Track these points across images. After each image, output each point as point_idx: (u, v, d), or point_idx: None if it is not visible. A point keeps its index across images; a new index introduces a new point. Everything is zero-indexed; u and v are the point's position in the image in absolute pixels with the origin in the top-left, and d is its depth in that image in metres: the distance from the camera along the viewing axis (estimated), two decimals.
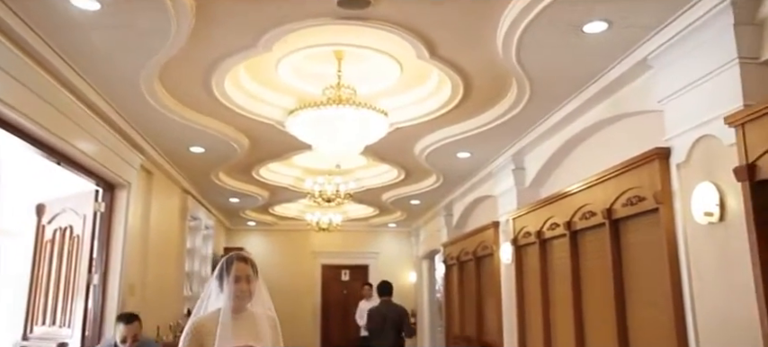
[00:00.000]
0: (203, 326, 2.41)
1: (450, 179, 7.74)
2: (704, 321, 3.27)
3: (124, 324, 4.30)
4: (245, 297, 2.46)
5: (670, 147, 3.54)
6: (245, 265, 2.49)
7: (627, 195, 3.96)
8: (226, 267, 2.48)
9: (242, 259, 2.51)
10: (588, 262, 4.64)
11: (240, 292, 2.44)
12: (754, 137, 2.83)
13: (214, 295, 2.54)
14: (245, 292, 2.46)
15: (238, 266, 2.48)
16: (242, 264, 2.49)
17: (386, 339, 6.57)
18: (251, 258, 2.59)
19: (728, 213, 3.07)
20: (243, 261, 2.51)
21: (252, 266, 2.50)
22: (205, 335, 2.37)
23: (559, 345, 5.14)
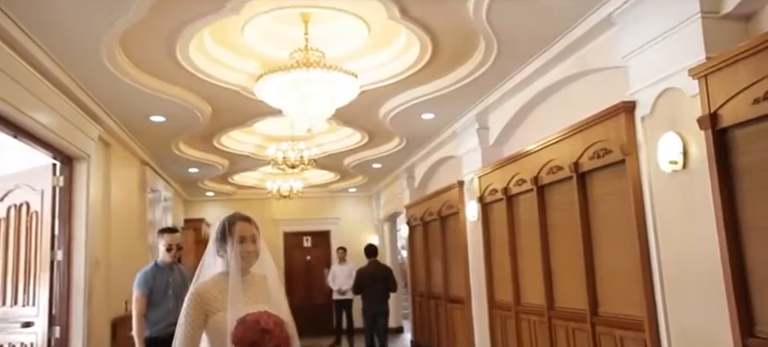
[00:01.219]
0: (207, 292, 2.23)
1: (413, 141, 7.82)
2: (668, 262, 3.49)
3: (168, 234, 4.64)
4: (252, 257, 2.29)
5: (635, 101, 3.71)
6: (249, 225, 2.32)
7: (594, 148, 4.13)
8: (228, 227, 2.29)
9: (245, 218, 2.33)
10: (555, 214, 4.84)
11: (246, 253, 2.27)
12: (716, 87, 3.01)
13: (211, 259, 2.35)
14: (251, 253, 2.28)
15: (242, 226, 2.30)
16: (246, 224, 2.31)
17: (376, 293, 7.88)
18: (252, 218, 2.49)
19: (691, 160, 3.27)
20: (246, 220, 2.33)
21: (255, 226, 2.34)
22: (210, 302, 2.21)
23: (528, 294, 5.37)
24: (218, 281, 2.29)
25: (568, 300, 4.65)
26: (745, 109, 2.84)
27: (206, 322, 2.21)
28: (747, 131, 2.89)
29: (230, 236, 2.28)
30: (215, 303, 2.22)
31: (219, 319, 2.18)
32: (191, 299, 2.24)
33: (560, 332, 4.76)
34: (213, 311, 2.20)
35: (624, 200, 3.83)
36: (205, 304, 2.21)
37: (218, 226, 2.35)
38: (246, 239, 2.29)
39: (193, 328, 2.20)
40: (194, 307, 2.22)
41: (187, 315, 2.22)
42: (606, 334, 4.11)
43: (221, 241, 2.31)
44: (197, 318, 2.21)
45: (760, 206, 2.86)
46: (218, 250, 2.34)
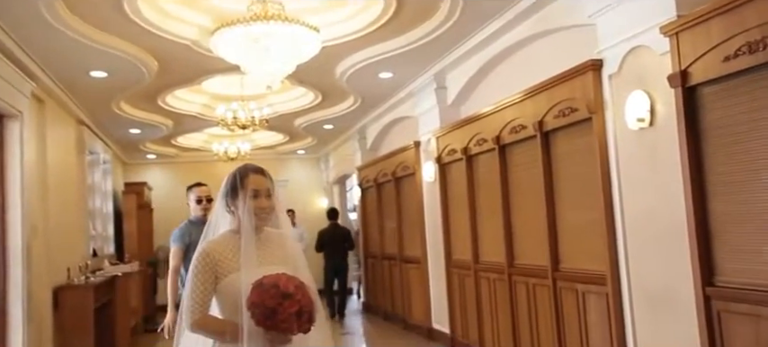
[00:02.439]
0: (216, 252, 2.00)
1: (368, 101, 7.69)
2: (631, 218, 3.60)
3: (197, 187, 4.50)
4: (267, 214, 2.05)
5: (602, 59, 3.74)
6: (263, 177, 2.06)
7: (559, 107, 4.16)
8: (240, 180, 2.03)
9: (258, 170, 2.08)
10: (517, 173, 4.89)
11: (260, 209, 2.02)
12: (687, 45, 3.06)
13: (220, 216, 2.12)
14: (266, 209, 2.04)
15: (255, 179, 2.04)
16: (260, 176, 2.05)
17: (336, 252, 8.98)
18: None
19: (658, 118, 3.34)
20: (260, 172, 2.07)
21: (270, 179, 2.09)
22: (220, 263, 1.99)
23: (488, 253, 5.45)
24: (229, 240, 2.05)
25: (529, 257, 4.75)
26: (716, 66, 2.91)
27: (216, 285, 2.00)
28: (716, 89, 2.97)
29: (242, 190, 2.03)
30: (226, 264, 2.00)
31: (231, 282, 1.98)
32: (200, 260, 2.00)
33: (520, 288, 4.86)
34: (224, 273, 1.99)
35: (589, 158, 3.89)
36: (215, 265, 1.99)
37: (227, 179, 2.10)
38: (260, 193, 2.04)
39: (204, 292, 1.98)
40: (204, 269, 1.98)
41: (196, 277, 1.99)
42: (568, 289, 4.23)
43: (231, 196, 2.05)
44: (207, 280, 1.99)
45: (724, 161, 2.97)
46: (227, 205, 2.08)
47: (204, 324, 2.00)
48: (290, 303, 1.83)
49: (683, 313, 3.21)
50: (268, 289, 1.84)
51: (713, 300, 3.03)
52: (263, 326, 1.85)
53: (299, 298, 1.85)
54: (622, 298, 3.69)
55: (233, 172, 2.09)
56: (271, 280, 1.87)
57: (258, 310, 1.83)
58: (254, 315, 1.84)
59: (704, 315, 3.05)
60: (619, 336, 3.71)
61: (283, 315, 1.82)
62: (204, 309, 1.99)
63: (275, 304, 1.82)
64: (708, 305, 3.04)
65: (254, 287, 1.87)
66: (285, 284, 1.86)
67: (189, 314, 1.98)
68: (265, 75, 4.38)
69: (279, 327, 1.84)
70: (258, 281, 1.88)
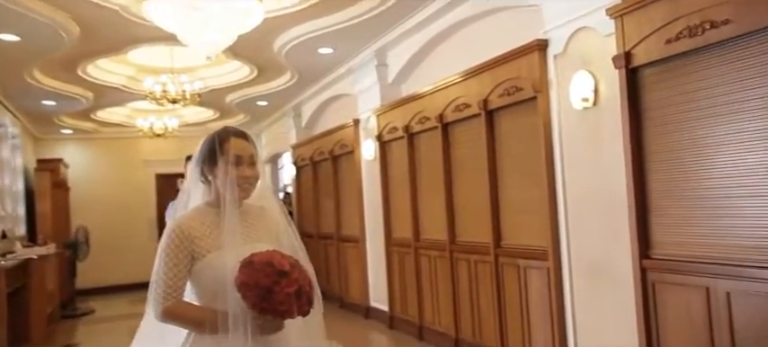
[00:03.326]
0: (192, 228, 1.76)
1: (306, 77, 7.51)
2: (574, 194, 3.72)
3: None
4: (250, 185, 1.82)
5: (548, 39, 3.81)
6: (246, 142, 1.82)
7: (504, 86, 4.22)
8: (219, 145, 1.79)
9: (241, 134, 1.85)
10: (460, 151, 4.93)
11: (244, 179, 1.79)
12: (631, 27, 3.16)
13: (194, 187, 1.88)
14: (250, 179, 1.81)
15: (238, 143, 1.80)
16: (242, 141, 1.82)
17: None
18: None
19: (601, 98, 3.45)
20: (242, 136, 1.83)
21: (253, 144, 1.86)
22: (196, 240, 1.75)
23: (429, 231, 5.50)
24: (205, 215, 1.81)
25: (471, 235, 4.82)
26: (658, 49, 3.03)
27: (192, 266, 1.76)
28: (657, 70, 3.10)
29: (222, 157, 1.78)
30: (204, 242, 1.76)
31: (211, 262, 1.74)
32: (172, 237, 1.74)
33: (462, 265, 4.94)
34: (201, 252, 1.75)
35: (533, 137, 3.98)
36: (191, 243, 1.75)
37: (203, 144, 1.85)
38: (243, 161, 1.79)
39: (177, 274, 1.73)
40: (178, 247, 1.73)
41: (167, 257, 1.73)
42: (509, 265, 4.34)
43: (209, 163, 1.81)
44: (181, 261, 1.74)
45: (662, 139, 3.11)
46: (202, 174, 1.84)
47: (178, 312, 1.75)
48: (288, 282, 1.63)
49: (620, 285, 3.36)
50: (261, 267, 1.63)
51: (649, 272, 3.19)
52: (258, 310, 1.63)
53: (297, 276, 1.65)
54: (562, 272, 3.83)
55: (211, 135, 1.85)
56: (263, 258, 1.66)
57: (251, 292, 1.61)
58: (245, 298, 1.63)
59: (641, 287, 3.21)
60: (558, 309, 3.85)
61: (281, 296, 1.61)
62: (178, 294, 1.75)
63: (271, 283, 1.61)
64: (644, 277, 3.21)
65: (242, 266, 1.66)
66: (280, 261, 1.65)
67: (159, 300, 1.73)
68: (204, 46, 4.16)
69: (276, 310, 1.63)
70: (247, 260, 1.67)
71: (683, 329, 3.02)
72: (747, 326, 2.72)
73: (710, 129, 2.87)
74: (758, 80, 2.65)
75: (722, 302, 2.81)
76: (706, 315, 2.89)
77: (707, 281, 2.88)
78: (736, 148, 2.76)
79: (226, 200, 1.78)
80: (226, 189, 1.78)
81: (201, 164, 1.85)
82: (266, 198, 1.96)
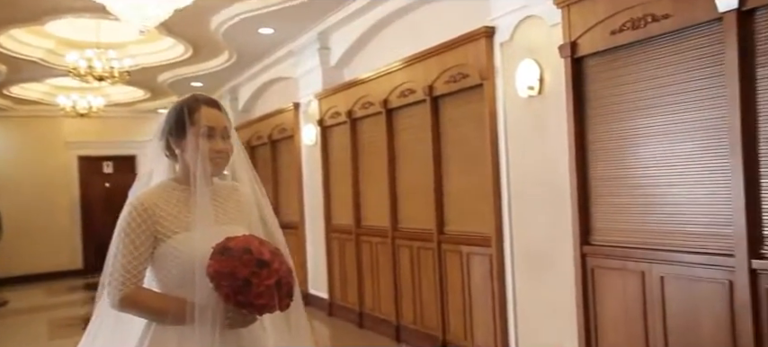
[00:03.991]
0: (156, 206, 1.57)
1: (245, 58, 7.24)
2: (517, 182, 3.77)
3: None
4: (223, 160, 1.65)
5: (495, 27, 3.83)
6: (218, 112, 1.63)
7: (450, 73, 4.21)
8: (188, 115, 1.60)
9: (213, 103, 1.65)
10: (405, 137, 4.90)
11: (217, 154, 1.61)
12: (578, 17, 3.22)
13: (156, 161, 1.70)
14: (223, 154, 1.64)
15: (210, 113, 1.61)
16: (214, 111, 1.63)
17: None
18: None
19: (546, 87, 3.50)
20: (214, 106, 1.64)
21: (226, 115, 1.68)
22: (161, 220, 1.57)
23: (371, 217, 5.44)
24: (171, 192, 1.62)
25: (414, 221, 4.81)
26: (603, 39, 3.09)
27: (154, 249, 1.58)
28: (601, 61, 3.17)
29: (192, 128, 1.59)
30: (168, 222, 1.57)
31: (179, 245, 1.56)
32: (133, 216, 1.55)
33: (404, 251, 4.93)
34: (166, 234, 1.56)
35: (479, 124, 3.99)
36: (155, 223, 1.56)
37: (169, 113, 1.66)
38: (216, 133, 1.61)
39: (138, 258, 1.55)
40: (139, 227, 1.54)
41: (127, 238, 1.55)
42: (452, 252, 4.36)
43: (176, 134, 1.62)
44: (143, 243, 1.55)
45: (603, 129, 3.20)
46: (168, 147, 1.66)
47: (139, 300, 1.57)
48: (268, 273, 1.46)
49: (561, 270, 3.44)
50: (239, 255, 1.46)
51: (588, 258, 3.28)
52: (233, 302, 1.47)
53: (277, 266, 1.49)
54: (505, 258, 3.88)
55: (178, 104, 1.66)
56: (240, 244, 1.48)
57: (226, 282, 1.44)
58: (219, 288, 1.46)
59: (581, 272, 3.30)
60: (500, 295, 3.90)
61: (259, 289, 1.44)
62: (137, 280, 1.57)
63: (249, 274, 1.44)
64: (584, 262, 3.30)
65: (216, 252, 1.48)
66: (259, 249, 1.49)
67: (116, 287, 1.55)
68: (137, 20, 3.89)
69: (253, 304, 1.46)
70: (221, 245, 1.49)
71: (619, 311, 3.13)
72: (678, 308, 2.84)
73: (648, 119, 2.96)
74: (692, 73, 2.75)
75: (656, 286, 2.93)
76: (641, 298, 3.01)
77: (643, 266, 2.99)
78: (670, 139, 2.87)
79: (196, 176, 1.59)
80: (196, 163, 1.59)
81: (167, 135, 1.65)
82: (243, 178, 1.75)
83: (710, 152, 2.70)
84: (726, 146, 2.61)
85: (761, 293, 2.53)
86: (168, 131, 1.66)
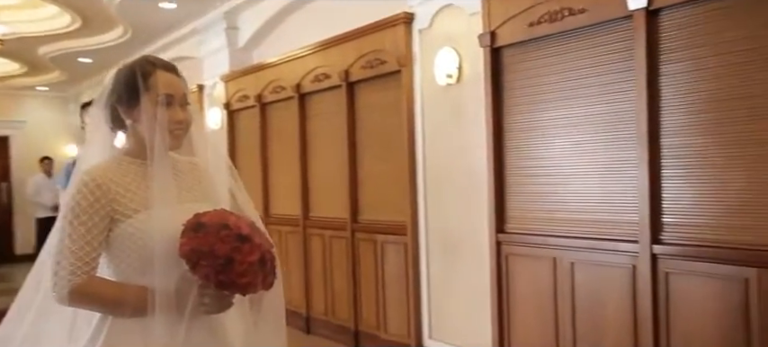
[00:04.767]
0: (111, 181, 1.37)
1: (141, 34, 6.70)
2: (434, 170, 3.77)
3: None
4: (183, 132, 1.45)
5: (414, 14, 3.79)
6: (176, 78, 1.44)
7: (367, 58, 4.12)
8: (143, 79, 1.39)
9: (170, 67, 1.45)
10: (319, 123, 4.75)
11: (177, 125, 1.41)
12: (497, 8, 3.26)
13: (101, 132, 1.48)
14: (183, 124, 1.44)
15: (167, 78, 1.41)
16: (172, 76, 1.43)
17: None
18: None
19: (464, 76, 3.52)
20: (172, 70, 1.45)
21: (185, 81, 1.48)
22: (118, 198, 1.37)
23: (280, 205, 5.25)
24: (125, 167, 1.42)
25: (327, 210, 4.69)
26: (521, 31, 3.15)
27: (110, 231, 1.36)
28: (519, 51, 3.23)
29: (147, 94, 1.39)
30: (127, 199, 1.37)
31: (140, 225, 1.36)
32: (84, 194, 1.34)
33: (315, 240, 4.80)
34: (125, 213, 1.36)
35: (396, 111, 3.95)
36: (110, 201, 1.35)
37: (118, 77, 1.43)
38: (174, 101, 1.41)
39: (91, 243, 1.34)
40: (92, 207, 1.34)
41: (77, 221, 1.33)
42: (366, 240, 4.29)
43: (127, 101, 1.41)
44: (97, 225, 1.34)
45: (519, 118, 3.26)
46: (117, 117, 1.44)
47: (92, 291, 1.35)
48: (250, 248, 1.30)
49: (476, 257, 3.49)
50: (215, 231, 1.29)
51: (503, 245, 3.35)
52: (215, 283, 1.30)
53: (258, 241, 1.34)
54: (420, 246, 3.88)
55: (129, 67, 1.44)
56: (215, 219, 1.31)
57: (206, 261, 1.27)
58: (197, 269, 1.29)
59: (495, 259, 3.36)
60: (415, 283, 3.90)
61: (243, 266, 1.28)
62: (90, 269, 1.35)
63: (230, 250, 1.28)
64: (499, 249, 3.36)
65: (189, 229, 1.30)
66: (236, 223, 1.32)
67: (65, 278, 1.33)
68: None
69: (236, 284, 1.30)
70: (194, 221, 1.31)
71: (531, 297, 3.22)
72: (586, 291, 2.97)
73: (561, 110, 3.06)
74: (604, 67, 2.87)
75: (567, 271, 3.04)
76: (552, 283, 3.11)
77: (554, 253, 3.10)
78: (581, 130, 2.98)
79: (154, 149, 1.38)
80: (153, 135, 1.38)
81: (116, 103, 1.42)
82: (203, 152, 1.54)
83: (618, 143, 2.83)
84: (633, 138, 2.74)
85: (659, 276, 2.69)
86: (117, 98, 1.42)
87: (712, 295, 2.52)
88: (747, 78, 2.43)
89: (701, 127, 2.56)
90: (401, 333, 4.04)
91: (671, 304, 2.64)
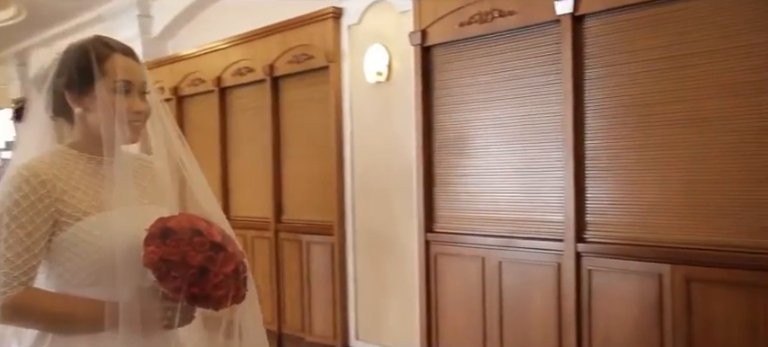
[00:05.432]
0: (57, 178, 1.17)
1: (38, 16, 6.11)
2: (362, 168, 3.71)
3: None
4: (142, 124, 1.26)
5: (343, 8, 3.71)
6: (135, 63, 1.25)
7: (293, 52, 3.99)
8: (98, 62, 1.19)
9: (128, 50, 1.25)
10: (241, 119, 4.55)
11: (136, 115, 1.23)
12: (428, 7, 3.25)
13: (34, 125, 1.27)
14: (143, 116, 1.25)
15: (125, 63, 1.22)
16: (131, 61, 1.24)
17: None
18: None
19: (394, 74, 3.49)
20: (130, 55, 1.25)
21: (144, 67, 1.29)
22: (65, 197, 1.17)
23: None
24: (73, 161, 1.22)
25: (249, 209, 4.50)
26: (452, 30, 3.16)
27: (53, 235, 1.16)
28: (449, 51, 3.24)
29: (102, 79, 1.19)
30: (77, 199, 1.18)
31: (92, 229, 1.17)
32: (24, 191, 1.13)
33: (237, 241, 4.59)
34: (74, 215, 1.17)
35: (323, 108, 3.85)
36: (56, 201, 1.15)
37: (67, 58, 1.22)
38: (133, 88, 1.22)
39: (30, 248, 1.13)
40: (33, 207, 1.13)
41: (12, 222, 1.12)
42: (291, 240, 4.16)
43: (79, 87, 1.20)
44: (39, 228, 1.14)
45: (449, 117, 3.28)
46: (62, 104, 1.23)
47: (31, 305, 1.15)
48: (225, 258, 1.16)
49: (404, 257, 3.47)
50: (188, 238, 1.13)
51: (432, 245, 3.35)
52: (186, 297, 1.14)
53: (232, 249, 1.20)
54: (347, 246, 3.81)
55: (80, 46, 1.22)
56: (184, 224, 1.15)
57: (177, 272, 1.11)
58: (166, 281, 1.13)
59: (424, 259, 3.35)
60: (341, 284, 3.82)
61: (218, 277, 1.14)
62: (28, 280, 1.15)
63: (204, 260, 1.13)
64: (427, 249, 3.36)
65: (154, 236, 1.14)
66: (208, 230, 1.17)
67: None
68: None
69: (210, 297, 1.15)
70: (160, 227, 1.14)
71: (459, 296, 3.24)
72: (514, 289, 3.03)
73: (490, 111, 3.10)
74: (532, 69, 2.93)
75: (495, 270, 3.09)
76: (480, 282, 3.15)
77: (482, 252, 3.13)
78: (510, 130, 3.03)
79: (111, 142, 1.20)
80: (110, 126, 1.19)
81: (64, 88, 1.21)
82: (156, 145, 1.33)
83: (545, 144, 2.90)
84: (559, 140, 2.82)
85: (583, 273, 2.79)
86: (64, 83, 1.21)
87: (630, 290, 2.64)
88: (661, 85, 2.56)
89: (620, 130, 2.68)
90: (326, 335, 3.95)
91: (593, 300, 2.75)
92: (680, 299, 2.49)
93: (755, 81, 2.33)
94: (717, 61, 2.42)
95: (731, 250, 2.38)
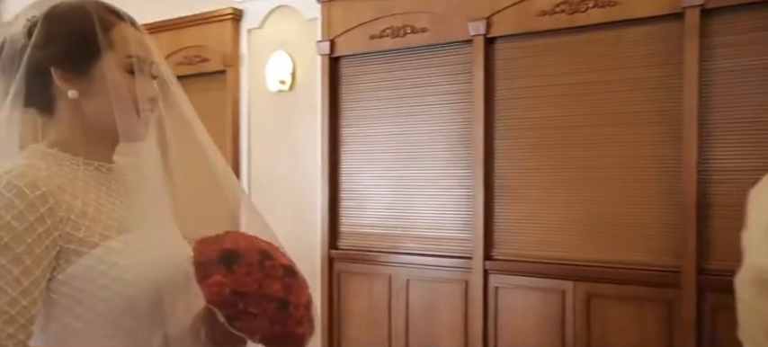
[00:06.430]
0: (62, 191, 0.82)
1: None
2: (261, 181, 3.49)
3: None
4: (153, 113, 0.96)
5: (243, 10, 3.48)
6: (144, 36, 0.94)
7: (186, 53, 3.65)
8: (102, 31, 0.85)
9: (134, 21, 0.94)
10: None
11: (152, 104, 0.94)
12: (337, 17, 3.14)
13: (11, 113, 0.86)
14: (155, 102, 0.96)
15: (133, 35, 0.90)
16: (138, 33, 0.92)
17: None
18: None
19: (298, 83, 3.33)
20: (137, 27, 0.93)
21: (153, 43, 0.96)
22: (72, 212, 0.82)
23: None
24: (73, 169, 0.88)
25: None
26: (362, 42, 3.08)
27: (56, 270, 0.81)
28: (359, 62, 3.15)
29: (111, 51, 0.87)
30: (88, 218, 0.84)
31: (116, 258, 0.83)
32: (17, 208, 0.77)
33: None
34: (87, 240, 0.82)
35: (218, 115, 3.56)
36: (62, 222, 0.81)
37: (55, 22, 0.86)
38: (145, 66, 0.91)
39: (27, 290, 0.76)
40: (31, 231, 0.77)
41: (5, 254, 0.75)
42: None
43: (76, 64, 0.86)
44: (39, 260, 0.78)
45: (356, 130, 3.19)
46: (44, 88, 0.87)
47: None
48: (300, 284, 0.90)
49: (306, 275, 3.28)
50: (258, 263, 0.85)
51: (336, 262, 3.23)
52: (266, 339, 0.83)
53: (302, 275, 0.94)
54: None
55: (78, 9, 0.88)
56: (243, 245, 0.89)
57: (257, 308, 0.82)
58: (243, 320, 0.81)
59: (328, 276, 3.22)
60: None
61: (299, 311, 0.86)
62: (26, 336, 0.77)
63: (283, 290, 0.85)
64: (331, 266, 3.23)
65: (211, 262, 0.84)
66: (273, 250, 0.91)
67: None
68: None
69: (293, 336, 0.85)
70: (216, 250, 0.86)
71: (365, 313, 3.14)
72: (421, 306, 3.00)
73: (399, 126, 3.06)
74: (444, 87, 2.94)
75: (402, 288, 3.04)
76: (387, 299, 3.08)
77: (390, 270, 3.07)
78: (420, 147, 3.01)
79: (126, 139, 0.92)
80: (128, 114, 0.88)
81: (49, 64, 0.86)
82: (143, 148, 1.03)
83: (455, 162, 2.92)
84: (469, 158, 2.85)
85: (490, 289, 2.83)
86: (50, 57, 0.86)
87: (535, 306, 2.72)
88: (565, 110, 2.68)
89: (527, 151, 2.76)
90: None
91: (499, 315, 2.80)
92: (581, 315, 2.60)
93: (640, 112, 2.52)
94: (613, 91, 2.59)
95: (624, 267, 2.54)
